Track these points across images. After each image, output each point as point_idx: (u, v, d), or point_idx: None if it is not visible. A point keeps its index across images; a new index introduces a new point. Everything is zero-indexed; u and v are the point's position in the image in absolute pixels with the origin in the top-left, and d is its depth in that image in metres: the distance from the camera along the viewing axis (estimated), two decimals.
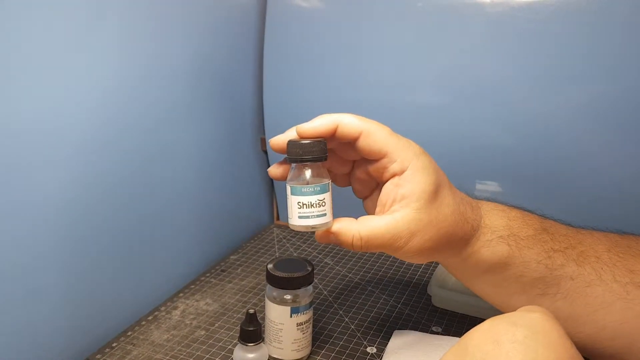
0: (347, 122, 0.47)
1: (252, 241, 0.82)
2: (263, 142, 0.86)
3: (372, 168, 0.48)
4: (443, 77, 0.72)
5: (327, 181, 0.46)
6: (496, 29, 0.69)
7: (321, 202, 0.45)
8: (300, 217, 0.45)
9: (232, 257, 0.77)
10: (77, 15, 0.51)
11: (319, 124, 0.47)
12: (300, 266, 0.55)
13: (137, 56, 0.60)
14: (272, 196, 0.90)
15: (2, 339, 0.48)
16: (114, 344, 0.57)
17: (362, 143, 0.47)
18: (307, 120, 0.70)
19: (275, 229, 0.87)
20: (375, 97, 0.76)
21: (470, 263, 0.51)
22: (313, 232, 0.47)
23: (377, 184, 0.51)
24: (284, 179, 0.48)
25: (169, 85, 0.65)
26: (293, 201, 0.46)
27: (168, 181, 0.67)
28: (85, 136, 0.54)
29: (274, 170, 0.49)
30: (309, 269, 0.54)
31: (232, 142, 0.80)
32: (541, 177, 0.71)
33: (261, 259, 0.76)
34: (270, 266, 0.54)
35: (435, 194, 0.47)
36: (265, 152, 0.86)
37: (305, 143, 0.45)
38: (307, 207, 0.45)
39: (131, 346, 0.57)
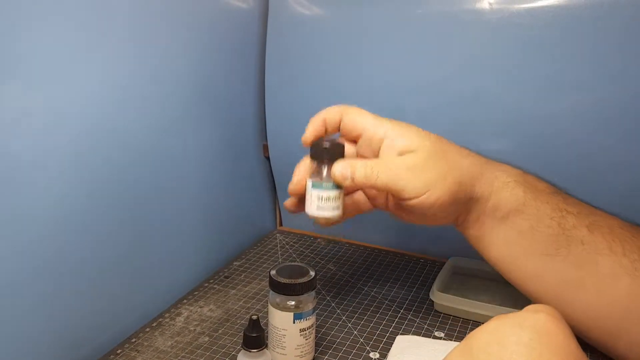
0: (330, 112, 0.56)
1: (255, 247, 0.82)
2: (265, 148, 0.86)
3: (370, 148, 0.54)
4: (444, 82, 0.73)
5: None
6: (496, 35, 0.69)
7: (336, 197, 0.53)
8: (318, 208, 0.53)
9: (235, 263, 0.77)
10: (83, 24, 0.52)
11: (311, 129, 0.55)
12: (303, 272, 0.55)
13: (141, 64, 0.60)
14: (275, 202, 0.91)
15: (4, 350, 0.48)
16: (119, 351, 0.58)
17: (344, 122, 0.55)
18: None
19: (278, 234, 0.87)
20: (377, 103, 0.76)
21: (489, 209, 0.53)
22: (315, 240, 0.48)
23: None
24: (296, 211, 0.57)
25: (172, 92, 0.66)
26: (313, 194, 0.53)
27: (171, 188, 0.67)
28: (89, 143, 0.54)
29: (290, 204, 0.58)
30: (312, 274, 0.55)
31: (234, 149, 0.80)
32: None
33: (264, 265, 0.77)
34: (273, 272, 0.55)
35: (436, 143, 0.52)
36: (268, 158, 0.86)
37: (325, 145, 0.53)
38: (324, 201, 0.53)
39: (135, 353, 0.57)
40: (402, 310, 0.65)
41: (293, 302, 0.53)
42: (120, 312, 0.61)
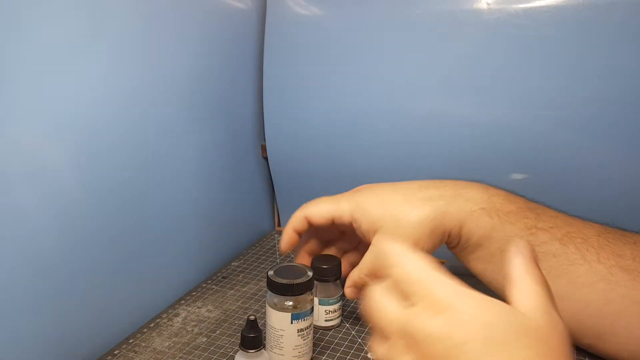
0: (294, 219, 0.62)
1: (253, 248, 0.82)
2: (264, 149, 0.86)
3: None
4: (441, 81, 0.73)
5: (341, 292, 0.61)
6: (494, 35, 0.69)
7: (339, 307, 0.62)
8: (326, 320, 0.62)
9: (233, 263, 0.77)
10: (81, 26, 0.52)
11: (285, 240, 0.62)
12: (300, 273, 0.55)
13: (139, 66, 0.60)
14: (273, 203, 0.91)
15: (4, 349, 0.48)
16: (116, 352, 0.57)
17: (312, 221, 0.61)
18: (307, 129, 0.75)
19: (276, 235, 0.87)
20: (375, 103, 0.77)
21: (462, 241, 0.55)
22: None
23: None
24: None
25: (170, 94, 0.66)
26: (321, 309, 0.61)
27: (170, 189, 0.67)
28: (87, 143, 0.54)
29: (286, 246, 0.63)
30: (310, 275, 0.55)
31: (233, 149, 0.80)
32: (542, 179, 0.71)
33: (262, 266, 0.77)
34: (270, 273, 0.55)
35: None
36: (266, 158, 0.86)
37: (326, 267, 0.61)
38: (331, 313, 0.62)
39: (133, 354, 0.57)
40: None
41: (291, 303, 0.53)
42: (117, 313, 0.60)
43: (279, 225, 0.91)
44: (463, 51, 0.71)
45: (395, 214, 0.55)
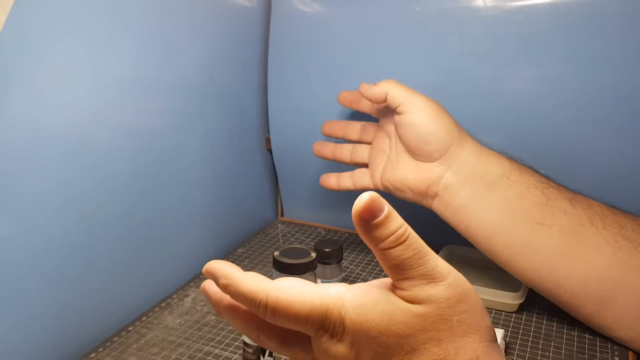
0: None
1: (257, 236, 0.86)
2: (268, 141, 0.90)
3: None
4: (442, 77, 0.76)
5: (342, 275, 0.66)
6: (490, 31, 0.72)
7: None
8: None
9: (239, 250, 0.81)
10: (96, 26, 0.55)
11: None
12: (304, 254, 0.58)
13: (149, 62, 0.63)
14: (277, 193, 0.94)
15: (34, 314, 0.52)
16: (130, 328, 0.61)
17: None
18: (310, 122, 0.78)
19: (279, 224, 0.91)
20: None
21: (480, 168, 0.59)
22: (316, 229, 0.51)
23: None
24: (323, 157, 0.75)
25: (181, 89, 0.69)
26: None
27: (179, 179, 0.71)
28: (100, 135, 0.58)
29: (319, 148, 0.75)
30: (313, 256, 0.58)
31: (238, 142, 0.84)
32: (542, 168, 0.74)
33: (267, 252, 0.80)
34: (276, 253, 0.58)
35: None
36: (270, 151, 0.90)
37: (328, 251, 0.64)
38: None
39: (146, 330, 0.61)
40: None
41: None
42: (131, 294, 0.64)
43: (282, 215, 0.95)
44: (462, 47, 0.74)
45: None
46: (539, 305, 0.65)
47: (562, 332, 0.61)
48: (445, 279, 0.33)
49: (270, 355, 0.53)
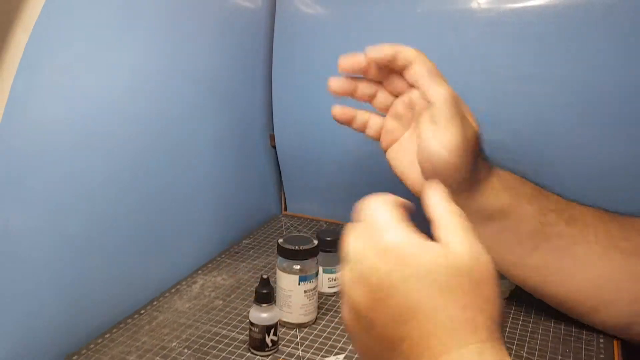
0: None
1: (262, 228, 0.89)
2: (272, 138, 0.93)
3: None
4: (443, 74, 0.79)
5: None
6: (490, 31, 0.76)
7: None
8: (329, 287, 0.69)
9: (244, 241, 0.84)
10: (107, 24, 0.59)
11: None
12: (307, 241, 0.62)
13: (159, 60, 0.67)
14: (281, 189, 0.97)
15: (54, 297, 0.56)
16: (142, 311, 0.64)
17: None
18: (313, 120, 0.80)
19: (283, 218, 0.94)
20: None
21: (475, 206, 0.57)
22: (318, 223, 0.54)
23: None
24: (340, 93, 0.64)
25: (186, 86, 0.73)
26: (325, 277, 0.69)
27: (187, 174, 0.74)
28: (112, 129, 0.61)
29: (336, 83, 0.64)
30: (315, 243, 0.62)
31: (243, 139, 0.88)
32: (534, 170, 0.77)
33: (271, 243, 0.84)
34: (281, 240, 0.62)
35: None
36: (274, 147, 0.93)
37: (330, 239, 0.67)
38: (333, 281, 0.69)
39: (157, 313, 0.64)
40: None
41: (298, 266, 0.60)
42: (143, 280, 0.68)
43: (286, 209, 0.98)
44: (459, 46, 0.78)
45: None
46: (526, 295, 0.68)
47: (550, 323, 0.64)
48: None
49: (275, 334, 0.57)
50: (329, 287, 0.68)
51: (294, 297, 0.61)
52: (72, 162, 0.57)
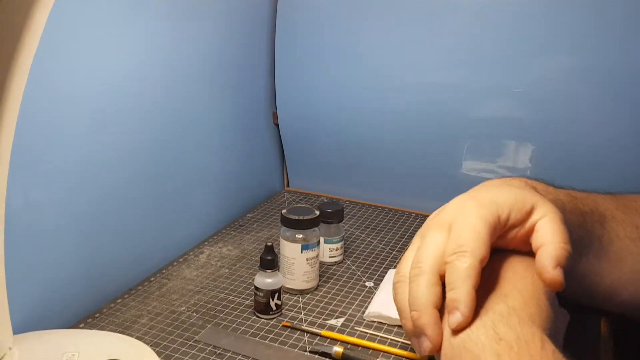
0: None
1: (265, 203, 0.92)
2: (275, 116, 0.96)
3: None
4: (440, 55, 0.82)
5: (343, 233, 0.72)
6: (487, 12, 0.78)
7: (341, 247, 0.72)
8: (330, 257, 0.72)
9: (248, 215, 0.87)
10: (118, 8, 0.62)
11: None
12: (309, 212, 0.65)
13: (166, 43, 0.70)
14: (283, 165, 1.00)
15: (70, 265, 0.59)
16: (152, 279, 0.68)
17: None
18: (315, 99, 0.83)
19: (285, 193, 0.97)
20: (378, 75, 0.86)
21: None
22: (319, 198, 0.57)
23: None
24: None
25: (195, 68, 0.75)
26: (326, 247, 0.71)
27: (194, 152, 0.78)
28: (126, 110, 0.64)
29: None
30: (317, 213, 0.65)
31: (247, 118, 0.90)
32: (537, 143, 0.81)
33: (274, 217, 0.87)
34: (284, 211, 0.65)
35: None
36: (277, 125, 0.96)
37: (331, 211, 0.70)
38: (334, 251, 0.72)
39: (166, 280, 0.67)
40: (394, 252, 0.76)
41: (301, 235, 0.63)
42: (153, 250, 0.71)
43: (288, 185, 1.01)
44: (458, 27, 0.80)
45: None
46: None
47: None
48: None
49: (279, 298, 0.60)
50: (329, 257, 0.72)
51: (296, 264, 0.64)
52: (89, 140, 0.60)
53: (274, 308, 0.60)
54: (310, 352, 0.55)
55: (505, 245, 0.48)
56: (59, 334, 0.55)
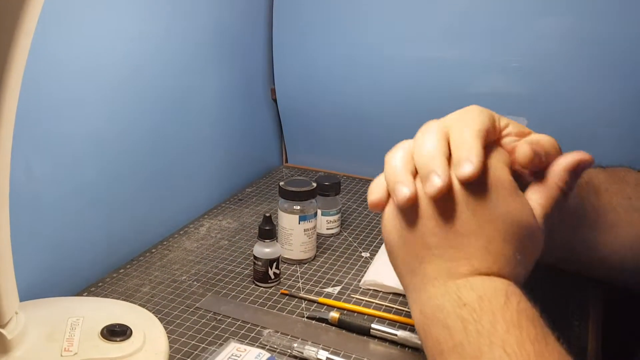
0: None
1: (264, 178, 0.94)
2: (273, 92, 0.97)
3: None
4: (437, 29, 0.83)
5: (340, 206, 0.74)
6: None
7: (338, 219, 0.74)
8: (327, 229, 0.73)
9: (247, 189, 0.89)
10: None
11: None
12: (306, 184, 0.66)
13: (163, 15, 0.70)
14: (282, 140, 1.01)
15: (74, 235, 0.61)
16: (153, 250, 0.69)
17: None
18: (313, 74, 0.83)
19: (284, 169, 0.99)
20: (374, 49, 0.87)
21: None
22: (317, 173, 0.58)
23: None
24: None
25: (193, 42, 0.76)
26: (323, 219, 0.73)
27: (194, 127, 0.79)
28: (126, 85, 0.65)
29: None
30: (314, 185, 0.66)
31: (246, 93, 0.91)
32: (531, 116, 0.81)
33: (272, 192, 0.88)
34: (282, 183, 0.66)
35: None
36: (275, 100, 0.97)
37: (328, 184, 0.71)
38: (331, 223, 0.73)
39: (167, 251, 0.69)
40: None
41: (298, 207, 0.65)
42: (154, 222, 0.72)
43: (287, 161, 1.02)
44: (456, 2, 0.81)
45: None
46: None
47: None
48: None
49: (277, 267, 0.61)
50: (327, 229, 0.73)
51: (294, 235, 0.65)
52: (90, 111, 0.61)
53: (273, 277, 0.61)
54: (307, 317, 0.57)
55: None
56: (64, 300, 0.56)
